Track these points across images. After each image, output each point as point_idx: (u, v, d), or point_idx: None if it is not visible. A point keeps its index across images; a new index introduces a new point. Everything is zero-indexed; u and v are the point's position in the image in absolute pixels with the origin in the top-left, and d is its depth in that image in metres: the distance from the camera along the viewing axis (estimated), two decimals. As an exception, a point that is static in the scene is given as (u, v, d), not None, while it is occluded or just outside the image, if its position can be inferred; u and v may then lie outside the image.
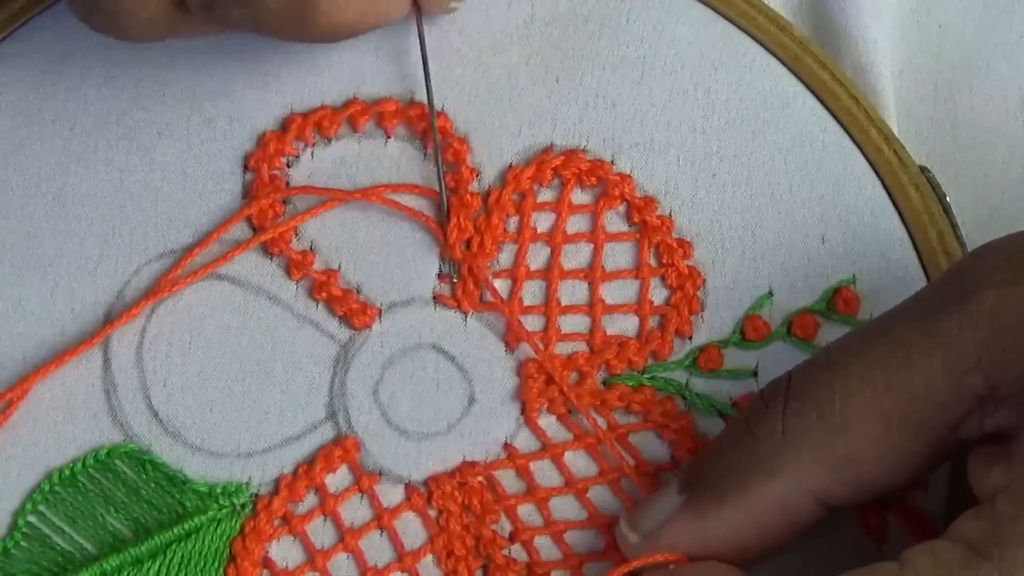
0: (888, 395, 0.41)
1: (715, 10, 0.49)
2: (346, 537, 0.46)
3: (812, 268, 0.48)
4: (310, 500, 0.47)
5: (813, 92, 0.48)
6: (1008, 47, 0.52)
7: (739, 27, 0.49)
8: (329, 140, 0.49)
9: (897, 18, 0.52)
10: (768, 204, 0.48)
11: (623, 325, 0.48)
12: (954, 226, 0.48)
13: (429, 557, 0.46)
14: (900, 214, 0.48)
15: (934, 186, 0.48)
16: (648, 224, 0.48)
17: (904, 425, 0.41)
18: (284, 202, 0.48)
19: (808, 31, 0.51)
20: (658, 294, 0.48)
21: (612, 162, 0.48)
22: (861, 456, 0.41)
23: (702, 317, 0.48)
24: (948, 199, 0.48)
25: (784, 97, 0.48)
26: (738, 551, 0.43)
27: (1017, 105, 0.51)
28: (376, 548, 0.46)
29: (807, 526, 0.42)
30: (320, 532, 0.47)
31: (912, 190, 0.48)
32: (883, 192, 0.48)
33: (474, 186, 0.48)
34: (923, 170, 0.48)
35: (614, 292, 0.48)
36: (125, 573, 0.46)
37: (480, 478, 0.47)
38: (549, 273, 0.48)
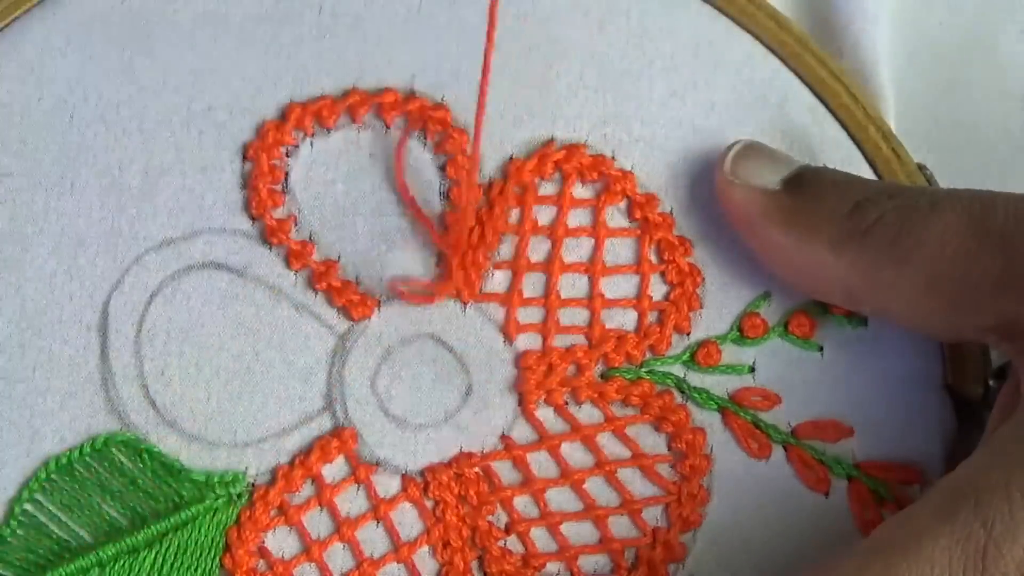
0: None
1: (715, 7, 0.49)
2: (342, 527, 0.47)
3: None
4: (306, 490, 0.47)
5: (812, 89, 0.49)
6: (1008, 44, 0.52)
7: (739, 24, 0.49)
8: (328, 131, 0.48)
9: (897, 15, 0.52)
10: (766, 201, 0.48)
11: (622, 319, 0.48)
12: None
13: (425, 548, 0.47)
14: (897, 211, 0.48)
15: (931, 183, 0.48)
16: (649, 221, 0.48)
17: None
18: (283, 191, 0.48)
19: (808, 28, 0.51)
20: (657, 290, 0.48)
21: (613, 158, 0.48)
22: None
23: (700, 314, 0.48)
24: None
25: (783, 94, 0.48)
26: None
27: (1017, 103, 0.52)
28: (372, 539, 0.47)
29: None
30: (316, 522, 0.47)
31: (909, 188, 0.48)
32: (881, 189, 0.48)
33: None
34: (921, 167, 0.48)
35: (614, 287, 0.48)
36: (121, 562, 0.46)
37: (477, 469, 0.47)
38: (549, 266, 0.48)
